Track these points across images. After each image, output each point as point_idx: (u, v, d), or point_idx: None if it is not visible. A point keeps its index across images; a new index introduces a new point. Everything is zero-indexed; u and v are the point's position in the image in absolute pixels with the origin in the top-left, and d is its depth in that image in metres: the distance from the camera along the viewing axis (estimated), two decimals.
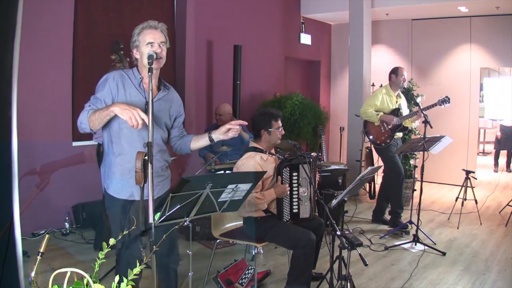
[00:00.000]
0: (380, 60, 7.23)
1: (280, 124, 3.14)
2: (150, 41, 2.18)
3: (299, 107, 6.20)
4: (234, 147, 4.47)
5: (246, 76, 6.09)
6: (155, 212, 1.76)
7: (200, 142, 2.46)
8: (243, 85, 5.88)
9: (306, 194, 3.12)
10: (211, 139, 2.40)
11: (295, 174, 3.08)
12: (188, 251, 2.91)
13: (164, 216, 1.86)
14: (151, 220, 1.73)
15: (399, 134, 4.87)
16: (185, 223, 1.97)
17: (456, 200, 5.04)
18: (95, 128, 2.09)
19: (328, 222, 2.87)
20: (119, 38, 3.52)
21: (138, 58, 2.26)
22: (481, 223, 4.96)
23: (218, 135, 2.38)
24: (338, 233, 2.45)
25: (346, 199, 2.91)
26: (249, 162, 3.02)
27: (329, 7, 7.12)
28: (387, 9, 6.63)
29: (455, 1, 5.99)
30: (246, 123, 2.41)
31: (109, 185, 2.29)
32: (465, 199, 5.01)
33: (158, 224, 1.82)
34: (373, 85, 6.45)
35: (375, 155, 5.62)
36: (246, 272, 3.24)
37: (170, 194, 1.86)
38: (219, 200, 2.06)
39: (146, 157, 1.80)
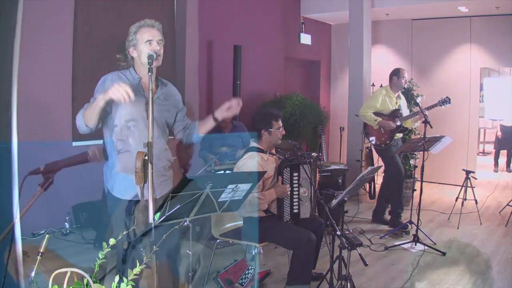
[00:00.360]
0: (380, 60, 7.22)
1: (281, 124, 3.14)
2: (149, 39, 2.18)
3: (299, 107, 6.20)
4: (234, 147, 4.47)
5: (246, 76, 6.08)
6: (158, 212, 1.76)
7: (206, 125, 2.48)
8: (243, 85, 5.87)
9: (306, 194, 3.12)
10: (215, 119, 2.42)
11: (295, 174, 3.08)
12: (188, 251, 2.91)
13: (164, 216, 1.86)
14: (151, 220, 1.73)
15: (399, 135, 4.88)
16: (185, 223, 1.97)
17: (456, 200, 5.03)
18: (90, 123, 2.07)
19: (328, 222, 2.87)
20: (119, 38, 3.50)
21: (135, 57, 2.25)
22: (481, 223, 4.95)
23: (220, 113, 2.40)
24: (338, 233, 2.46)
25: (346, 199, 2.91)
26: (250, 162, 3.02)
27: (329, 7, 7.12)
28: (387, 9, 6.63)
29: (455, 1, 5.99)
30: (240, 104, 2.40)
31: (113, 186, 2.28)
32: (465, 199, 5.00)
33: (159, 224, 1.82)
34: (373, 85, 6.44)
35: (375, 155, 5.62)
36: (246, 272, 3.24)
37: (170, 194, 1.85)
38: (219, 200, 2.05)
39: (146, 157, 1.79)
